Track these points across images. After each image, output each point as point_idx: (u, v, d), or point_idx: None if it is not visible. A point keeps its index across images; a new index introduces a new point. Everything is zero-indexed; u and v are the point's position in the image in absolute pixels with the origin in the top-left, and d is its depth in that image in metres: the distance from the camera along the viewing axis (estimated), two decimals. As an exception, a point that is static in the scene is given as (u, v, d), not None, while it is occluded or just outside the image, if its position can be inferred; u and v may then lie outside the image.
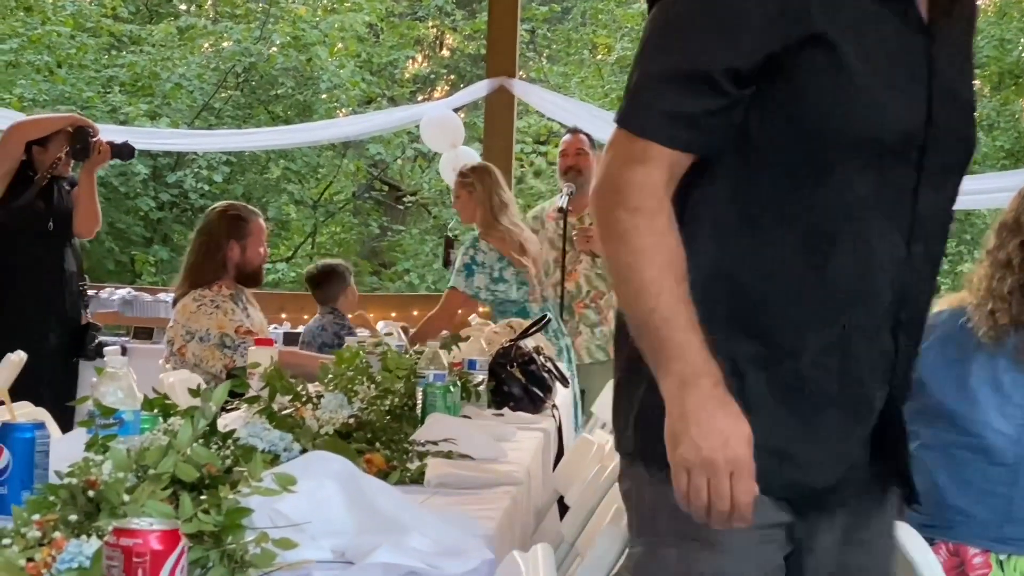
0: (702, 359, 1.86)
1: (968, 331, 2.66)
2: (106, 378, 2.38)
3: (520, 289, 5.97)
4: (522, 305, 5.96)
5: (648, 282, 1.88)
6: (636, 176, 1.91)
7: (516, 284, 5.96)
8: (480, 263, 5.94)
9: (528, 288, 5.98)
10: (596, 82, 17.66)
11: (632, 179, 1.91)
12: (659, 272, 1.88)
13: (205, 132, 14.32)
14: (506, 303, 5.98)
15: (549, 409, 4.42)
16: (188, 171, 15.67)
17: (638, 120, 1.93)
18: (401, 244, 17.84)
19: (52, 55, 15.79)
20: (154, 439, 2.00)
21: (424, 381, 3.65)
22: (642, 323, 1.92)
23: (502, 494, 2.72)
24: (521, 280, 5.96)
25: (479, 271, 5.93)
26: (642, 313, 1.91)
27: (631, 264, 1.90)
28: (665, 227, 1.90)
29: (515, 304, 5.97)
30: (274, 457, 2.44)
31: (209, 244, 5.09)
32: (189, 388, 2.54)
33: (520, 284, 5.97)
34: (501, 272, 5.93)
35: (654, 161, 1.90)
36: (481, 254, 5.96)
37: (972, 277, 2.75)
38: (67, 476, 1.77)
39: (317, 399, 3.09)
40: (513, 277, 5.95)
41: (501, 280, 5.94)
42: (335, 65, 16.40)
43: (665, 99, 1.90)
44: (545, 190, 15.59)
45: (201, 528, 1.70)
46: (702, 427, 1.83)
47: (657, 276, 1.88)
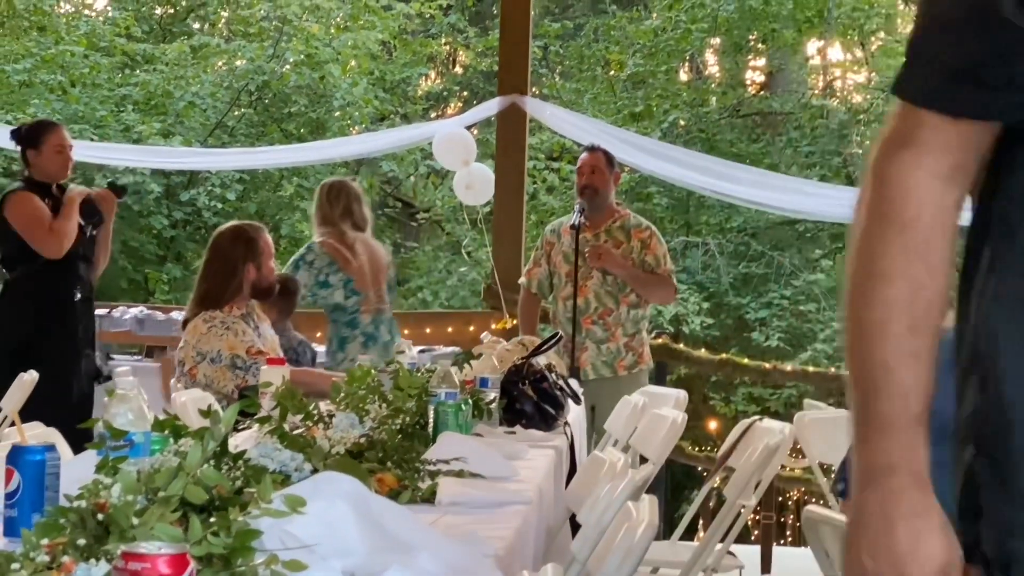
0: (908, 446, 1.48)
1: None
2: (116, 400, 2.38)
3: (350, 298, 6.26)
4: (352, 315, 6.28)
5: (873, 321, 1.46)
6: (897, 167, 1.46)
7: (344, 291, 6.24)
8: (309, 262, 6.26)
9: (361, 298, 6.27)
10: (608, 98, 17.66)
11: (890, 172, 1.46)
12: (891, 311, 1.45)
13: (218, 151, 14.36)
14: (335, 310, 6.29)
15: (561, 427, 4.41)
16: (201, 189, 15.71)
17: (912, 84, 1.48)
18: (415, 261, 17.86)
19: (66, 74, 15.85)
20: (164, 461, 2.00)
21: (436, 399, 3.65)
22: (852, 368, 1.49)
23: (513, 513, 2.71)
24: (352, 289, 6.24)
25: (304, 268, 6.24)
26: (855, 356, 1.48)
27: (863, 290, 1.47)
28: (922, 247, 1.43)
29: (344, 312, 6.29)
30: (285, 478, 2.44)
31: (225, 269, 5.11)
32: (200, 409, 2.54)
33: (350, 293, 6.25)
34: (327, 276, 6.23)
35: (927, 143, 1.44)
36: (312, 254, 6.28)
37: None
38: (76, 499, 1.77)
39: (329, 418, 3.09)
40: (340, 283, 6.23)
41: (326, 285, 6.24)
42: (348, 83, 16.43)
43: (943, 50, 1.42)
44: (558, 206, 15.59)
45: (211, 551, 1.70)
46: (875, 538, 1.43)
47: (886, 317, 1.45)
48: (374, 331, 6.32)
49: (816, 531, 2.77)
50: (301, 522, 1.91)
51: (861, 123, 16.83)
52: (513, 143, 8.24)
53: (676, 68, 18.29)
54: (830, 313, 15.38)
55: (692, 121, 17.16)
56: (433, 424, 3.57)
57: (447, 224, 17.53)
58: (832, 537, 2.74)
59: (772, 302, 15.79)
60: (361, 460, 2.89)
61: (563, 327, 6.30)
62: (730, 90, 18.25)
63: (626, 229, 6.55)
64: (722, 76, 18.94)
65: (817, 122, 17.03)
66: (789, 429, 4.29)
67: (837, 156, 16.53)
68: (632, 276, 6.40)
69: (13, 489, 2.16)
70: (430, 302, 16.38)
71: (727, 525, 4.15)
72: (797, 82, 18.46)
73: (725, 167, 9.11)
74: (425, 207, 17.68)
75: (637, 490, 2.80)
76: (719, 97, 18.21)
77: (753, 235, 16.44)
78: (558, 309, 6.53)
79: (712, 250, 16.08)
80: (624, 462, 3.14)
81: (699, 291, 15.68)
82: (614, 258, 6.37)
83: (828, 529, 2.74)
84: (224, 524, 1.74)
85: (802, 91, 18.20)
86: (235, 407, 2.16)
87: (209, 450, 1.97)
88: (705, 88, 18.52)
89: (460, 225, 16.28)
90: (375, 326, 6.32)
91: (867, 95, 17.65)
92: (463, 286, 16.22)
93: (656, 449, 4.38)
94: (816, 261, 16.79)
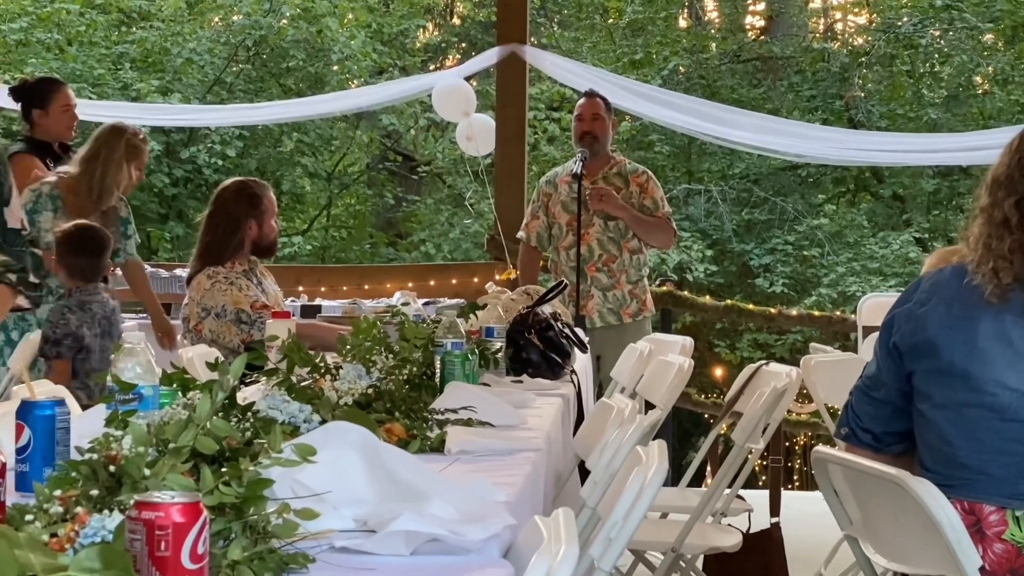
0: None
1: (972, 289, 2.64)
2: (124, 354, 2.38)
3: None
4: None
5: None
6: None
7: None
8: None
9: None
10: (608, 46, 17.59)
11: None
12: None
13: (217, 107, 14.32)
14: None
15: (568, 375, 4.42)
16: (201, 146, 15.69)
17: None
18: (416, 214, 17.85)
19: (62, 33, 15.80)
20: (173, 413, 2.01)
21: (442, 350, 3.65)
22: None
23: (523, 460, 2.72)
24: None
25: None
26: None
27: None
28: None
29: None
30: (294, 429, 2.45)
31: (227, 224, 5.09)
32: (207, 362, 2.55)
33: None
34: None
35: None
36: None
37: (967, 234, 2.72)
38: (88, 452, 1.78)
39: (336, 370, 3.09)
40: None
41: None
42: (346, 36, 16.37)
43: None
44: (559, 156, 15.57)
45: (222, 500, 1.70)
46: None
47: None
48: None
49: (825, 470, 2.77)
50: (312, 471, 1.92)
51: (863, 66, 16.74)
52: (513, 93, 8.21)
53: (675, 14, 18.21)
54: (834, 257, 15.38)
55: (692, 67, 17.09)
56: (440, 374, 3.57)
57: (448, 176, 17.50)
58: (841, 476, 2.75)
59: (776, 248, 15.78)
60: (369, 411, 2.90)
61: (566, 276, 6.28)
62: (730, 35, 18.16)
63: (623, 175, 6.53)
64: (721, 21, 18.85)
65: (818, 66, 16.96)
66: (796, 372, 4.29)
67: (839, 99, 16.47)
68: (633, 219, 6.39)
69: (24, 444, 2.17)
70: (433, 255, 16.39)
71: (735, 469, 4.16)
72: (797, 26, 18.37)
73: (726, 113, 9.08)
74: (426, 160, 17.65)
75: (646, 436, 2.80)
76: (719, 43, 18.12)
77: (755, 181, 16.41)
78: (560, 259, 6.51)
79: (715, 197, 16.05)
80: (632, 408, 3.14)
81: (702, 238, 15.66)
82: (615, 200, 6.35)
83: (837, 468, 2.75)
84: (235, 474, 1.75)
85: (802, 35, 18.12)
86: (242, 358, 2.17)
87: (218, 402, 1.98)
88: (705, 34, 18.43)
89: (462, 177, 16.25)
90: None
91: (868, 37, 17.56)
92: (466, 238, 16.22)
93: (663, 396, 4.39)
94: (819, 206, 16.76)
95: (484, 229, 14.44)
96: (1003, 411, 2.58)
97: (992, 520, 2.59)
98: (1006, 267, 2.60)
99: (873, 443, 2.82)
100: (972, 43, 16.25)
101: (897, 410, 2.78)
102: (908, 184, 16.43)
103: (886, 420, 2.81)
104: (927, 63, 16.84)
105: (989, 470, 2.60)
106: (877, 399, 2.81)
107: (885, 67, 16.81)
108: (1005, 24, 16.46)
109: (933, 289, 2.74)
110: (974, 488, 2.61)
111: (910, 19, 16.67)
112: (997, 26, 16.48)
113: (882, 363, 2.80)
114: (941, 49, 16.58)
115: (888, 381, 2.78)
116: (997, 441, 2.59)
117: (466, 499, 2.10)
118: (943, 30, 16.47)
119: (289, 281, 7.87)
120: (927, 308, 2.70)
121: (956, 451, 2.64)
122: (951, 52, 16.38)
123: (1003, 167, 2.70)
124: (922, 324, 2.69)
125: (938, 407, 2.68)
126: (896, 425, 2.80)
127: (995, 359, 2.59)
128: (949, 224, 15.58)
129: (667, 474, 2.30)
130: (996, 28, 16.55)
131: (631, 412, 3.10)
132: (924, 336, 2.68)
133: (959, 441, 2.63)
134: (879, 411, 2.81)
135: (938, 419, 2.67)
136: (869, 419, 2.83)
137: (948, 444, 2.66)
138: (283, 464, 1.84)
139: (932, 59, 16.75)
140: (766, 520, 5.01)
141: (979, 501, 2.61)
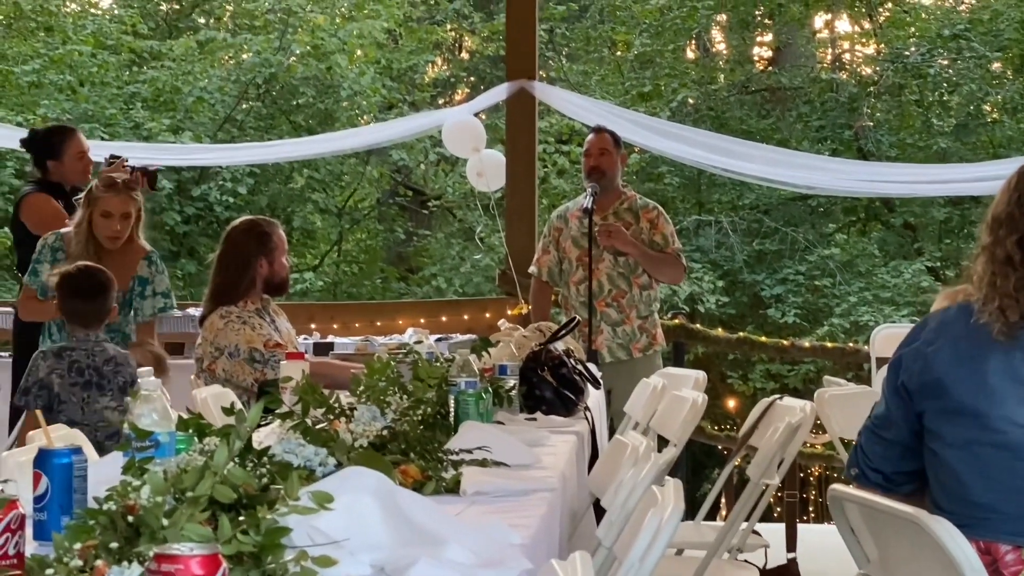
0: None
1: (979, 328, 2.64)
2: (140, 400, 2.39)
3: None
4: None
5: None
6: None
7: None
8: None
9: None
10: (616, 79, 17.64)
11: None
12: None
13: (228, 146, 14.37)
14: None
15: (582, 411, 4.42)
16: (212, 184, 15.74)
17: None
18: (427, 249, 17.87)
19: (74, 74, 15.89)
20: (190, 460, 2.02)
21: (456, 389, 3.65)
22: None
23: (538, 501, 2.72)
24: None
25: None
26: None
27: None
28: None
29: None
30: (310, 473, 2.45)
31: (238, 263, 5.11)
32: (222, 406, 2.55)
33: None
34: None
35: None
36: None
37: (971, 273, 2.72)
38: (105, 501, 1.78)
39: (350, 411, 3.09)
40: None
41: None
42: (355, 72, 16.44)
43: None
44: (569, 189, 15.59)
45: (241, 549, 1.71)
46: None
47: None
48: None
49: (841, 509, 2.77)
50: (329, 518, 1.92)
51: (871, 95, 16.77)
52: (523, 128, 8.24)
53: (683, 46, 18.25)
54: (846, 287, 15.36)
55: (701, 99, 17.12)
56: (454, 413, 3.58)
57: (459, 211, 17.53)
58: (857, 514, 2.74)
59: (787, 278, 15.77)
60: (384, 452, 2.90)
61: (577, 311, 6.30)
62: (738, 67, 18.20)
63: (634, 210, 6.55)
64: (729, 53, 18.90)
65: (827, 96, 16.98)
66: (810, 407, 4.28)
67: (848, 129, 16.48)
68: (643, 255, 6.40)
69: (42, 493, 2.17)
70: (444, 289, 16.39)
71: (751, 504, 4.16)
72: (805, 56, 18.40)
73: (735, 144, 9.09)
74: (436, 194, 17.68)
75: (661, 474, 2.80)
76: (727, 74, 18.16)
77: (766, 211, 16.41)
78: (570, 294, 6.54)
79: (725, 228, 16.05)
80: (647, 446, 3.14)
81: (713, 270, 15.65)
82: (624, 236, 6.36)
83: (853, 507, 2.74)
84: (253, 522, 1.75)
85: (811, 65, 18.14)
86: (259, 406, 2.17)
87: (235, 449, 1.98)
88: (713, 66, 18.48)
89: (472, 211, 16.28)
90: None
91: (876, 67, 17.59)
92: (477, 272, 16.23)
93: (677, 432, 4.38)
94: (830, 235, 16.75)
95: (495, 263, 14.46)
96: (1015, 449, 2.58)
97: (1009, 560, 2.58)
98: (1012, 305, 2.61)
99: (883, 483, 2.81)
100: (980, 72, 16.27)
101: (907, 450, 2.78)
102: (919, 213, 16.42)
103: (896, 460, 2.80)
104: (936, 92, 16.85)
105: (1003, 508, 2.60)
106: (887, 439, 2.81)
107: (894, 96, 16.83)
108: (1013, 53, 16.48)
109: (940, 328, 2.74)
110: (989, 527, 2.60)
111: (918, 49, 16.70)
112: (1005, 55, 16.50)
113: (891, 403, 2.79)
114: (950, 78, 16.59)
115: (898, 421, 2.78)
116: (1010, 479, 2.59)
117: (482, 542, 2.10)
118: (951, 59, 16.49)
119: (302, 318, 7.88)
120: (934, 347, 2.70)
121: (969, 490, 2.64)
122: (960, 81, 16.39)
123: (1003, 205, 2.70)
124: (930, 364, 2.69)
125: (949, 446, 2.67)
126: (906, 465, 2.79)
127: (1005, 397, 2.59)
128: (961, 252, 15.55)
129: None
130: (1004, 57, 16.56)
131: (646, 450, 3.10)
132: (933, 376, 2.68)
133: (972, 480, 2.63)
134: (889, 451, 2.81)
135: (950, 458, 2.67)
136: (879, 459, 2.82)
137: (961, 483, 2.65)
138: (300, 511, 1.84)
139: (941, 88, 16.76)
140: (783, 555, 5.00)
141: (995, 540, 2.60)
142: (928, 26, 16.90)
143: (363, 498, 2.05)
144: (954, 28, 16.15)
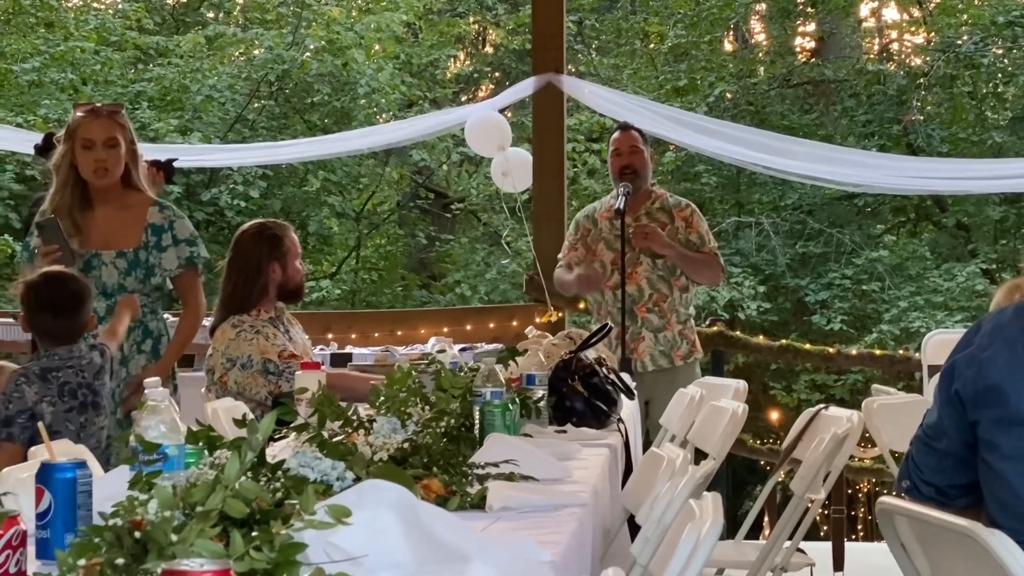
0: None
1: None
2: (148, 412, 2.40)
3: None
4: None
5: None
6: None
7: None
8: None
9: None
10: (649, 73, 17.63)
11: None
12: None
13: (239, 146, 14.41)
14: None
15: (615, 423, 4.41)
16: (223, 187, 15.79)
17: None
18: (451, 254, 17.89)
19: (76, 72, 15.96)
20: (200, 474, 2.02)
21: (481, 400, 3.65)
22: None
23: (568, 516, 2.72)
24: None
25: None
26: None
27: None
28: None
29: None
30: (326, 487, 2.46)
31: (249, 269, 5.11)
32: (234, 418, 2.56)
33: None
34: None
35: None
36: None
37: None
38: (111, 517, 1.79)
39: (369, 423, 3.10)
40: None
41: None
42: (373, 68, 16.46)
43: None
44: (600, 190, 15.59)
45: (254, 566, 1.71)
46: None
47: None
48: None
49: (891, 523, 2.75)
50: (346, 533, 1.92)
51: (921, 88, 16.71)
52: (551, 125, 8.24)
53: (720, 38, 18.24)
54: (895, 292, 15.30)
55: (739, 93, 17.10)
56: (479, 426, 3.58)
57: (483, 214, 17.55)
58: (908, 528, 2.73)
59: (833, 283, 15.72)
60: (405, 466, 2.91)
61: (612, 318, 6.26)
62: (779, 58, 18.17)
63: (667, 209, 6.52)
64: (769, 44, 18.87)
65: (874, 88, 16.93)
66: (858, 417, 4.27)
67: (897, 124, 16.43)
68: (680, 256, 6.36)
69: (44, 509, 2.18)
70: (469, 297, 16.40)
71: (795, 521, 4.14)
72: (851, 46, 18.37)
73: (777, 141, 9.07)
74: (459, 196, 17.70)
75: (699, 487, 2.80)
76: (767, 66, 18.13)
77: (809, 212, 16.37)
78: (604, 299, 6.48)
79: (766, 230, 16.01)
80: (684, 458, 3.14)
81: (754, 274, 15.62)
82: (661, 237, 6.33)
83: (904, 520, 2.73)
84: (267, 538, 1.76)
85: (856, 56, 18.10)
86: (272, 415, 2.18)
87: (247, 461, 1.99)
88: (752, 58, 18.45)
89: (497, 214, 16.30)
90: None
91: (926, 57, 17.53)
92: (503, 278, 16.24)
93: (716, 444, 4.37)
94: (878, 237, 16.69)
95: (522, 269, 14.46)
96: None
97: (1069, 574, 2.56)
98: None
99: (937, 496, 2.79)
100: (1037, 61, 16.22)
101: (961, 461, 2.75)
102: (973, 212, 16.35)
103: (949, 472, 2.78)
104: (990, 83, 16.79)
105: (1062, 523, 2.58)
106: (939, 450, 2.79)
107: (945, 89, 16.77)
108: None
109: (995, 331, 2.71)
110: (1048, 542, 2.58)
111: (970, 37, 16.63)
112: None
113: (943, 412, 2.77)
114: (1004, 68, 16.53)
115: (950, 431, 2.75)
116: (1070, 493, 2.57)
117: (509, 560, 2.10)
118: (1006, 48, 16.43)
119: (318, 328, 7.89)
120: (989, 352, 2.67)
121: (1027, 505, 2.61)
122: (1015, 71, 16.33)
123: None
124: (985, 370, 2.66)
125: (1006, 458, 2.65)
126: (960, 477, 2.77)
127: None
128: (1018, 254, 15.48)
129: (722, 527, 2.29)
130: (1063, 44, 16.50)
131: (683, 463, 3.09)
132: (988, 382, 2.66)
133: (1030, 494, 2.61)
134: (941, 463, 2.79)
135: (1007, 471, 2.65)
136: (931, 471, 2.81)
137: (1018, 497, 2.63)
138: (316, 527, 1.84)
139: (995, 79, 16.70)
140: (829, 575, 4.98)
141: (1055, 558, 2.58)
142: (981, 13, 16.82)
143: (383, 512, 2.05)
144: (1009, 15, 16.06)
